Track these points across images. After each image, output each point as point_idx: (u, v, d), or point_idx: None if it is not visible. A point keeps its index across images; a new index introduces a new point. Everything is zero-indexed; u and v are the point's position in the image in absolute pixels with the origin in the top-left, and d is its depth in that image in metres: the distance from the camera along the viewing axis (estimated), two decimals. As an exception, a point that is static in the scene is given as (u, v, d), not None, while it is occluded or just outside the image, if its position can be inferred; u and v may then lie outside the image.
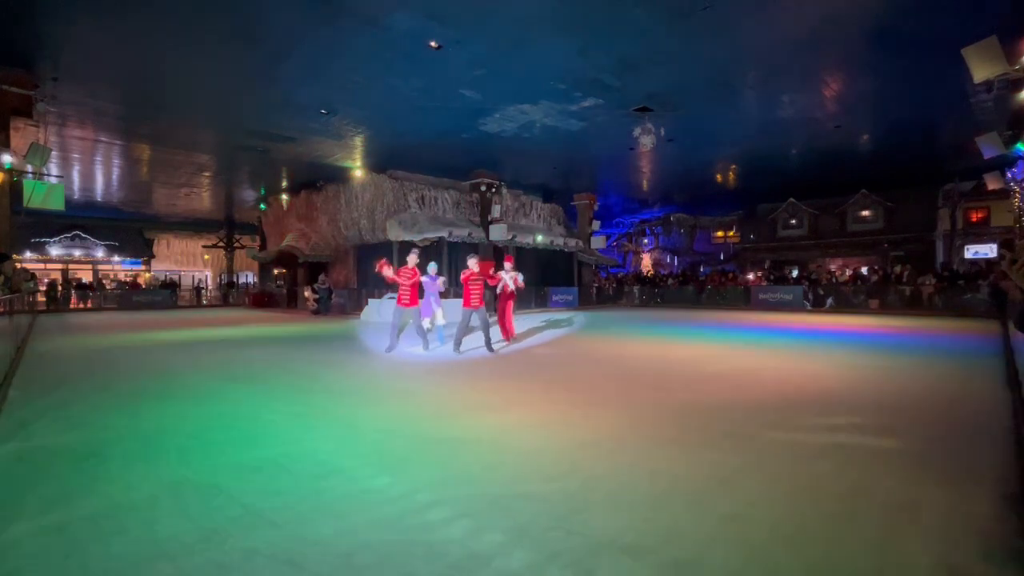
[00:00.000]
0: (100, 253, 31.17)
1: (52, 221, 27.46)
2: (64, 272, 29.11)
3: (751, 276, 24.50)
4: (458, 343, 8.71)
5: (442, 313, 9.30)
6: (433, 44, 9.92)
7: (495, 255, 20.39)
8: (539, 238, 21.92)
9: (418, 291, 8.78)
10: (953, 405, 5.05)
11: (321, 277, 20.75)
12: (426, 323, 9.00)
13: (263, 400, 5.37)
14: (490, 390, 5.93)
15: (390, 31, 9.48)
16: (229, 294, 31.03)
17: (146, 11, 8.76)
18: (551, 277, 22.91)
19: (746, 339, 10.61)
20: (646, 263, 34.64)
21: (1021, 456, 3.49)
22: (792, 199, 26.36)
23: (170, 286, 29.01)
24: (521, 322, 13.51)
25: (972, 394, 5.50)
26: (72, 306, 24.86)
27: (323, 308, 19.85)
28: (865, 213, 25.09)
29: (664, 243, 34.35)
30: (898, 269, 19.73)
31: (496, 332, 9.65)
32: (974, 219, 23.55)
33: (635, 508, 2.76)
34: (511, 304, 9.96)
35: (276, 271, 27.86)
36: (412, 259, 8.79)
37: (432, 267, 9.27)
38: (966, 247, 23.67)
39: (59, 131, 14.82)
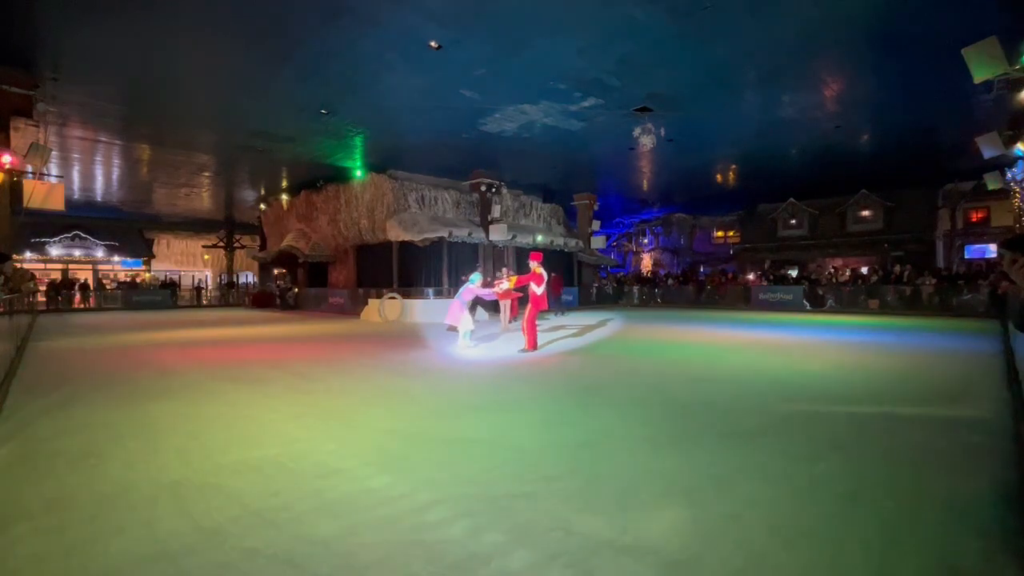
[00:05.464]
0: (100, 253, 31.15)
1: (52, 221, 27.41)
2: (64, 272, 29.09)
3: (751, 276, 24.49)
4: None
5: (469, 319, 9.31)
6: (433, 44, 9.92)
7: (494, 256, 20.42)
8: (539, 238, 21.91)
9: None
10: (953, 405, 5.05)
11: (286, 279, 25.47)
12: (461, 328, 9.09)
13: (263, 400, 5.38)
14: (490, 390, 5.93)
15: (390, 31, 9.48)
16: (229, 294, 31.01)
17: (146, 11, 8.75)
18: (551, 277, 22.91)
19: (746, 339, 10.61)
20: (646, 263, 34.64)
21: (1021, 456, 3.49)
22: (792, 199, 26.35)
23: (170, 286, 28.99)
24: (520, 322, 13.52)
25: (971, 394, 5.50)
26: (73, 306, 24.85)
27: (282, 304, 23.94)
28: (865, 213, 25.09)
29: (664, 243, 34.35)
30: (898, 269, 19.72)
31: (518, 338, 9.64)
32: (974, 219, 23.54)
33: (635, 508, 2.76)
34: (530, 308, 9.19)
35: (276, 271, 27.84)
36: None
37: (476, 277, 9.46)
38: (966, 247, 23.69)
39: (59, 131, 14.81)
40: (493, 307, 15.45)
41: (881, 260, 23.64)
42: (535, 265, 9.04)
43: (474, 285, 9.19)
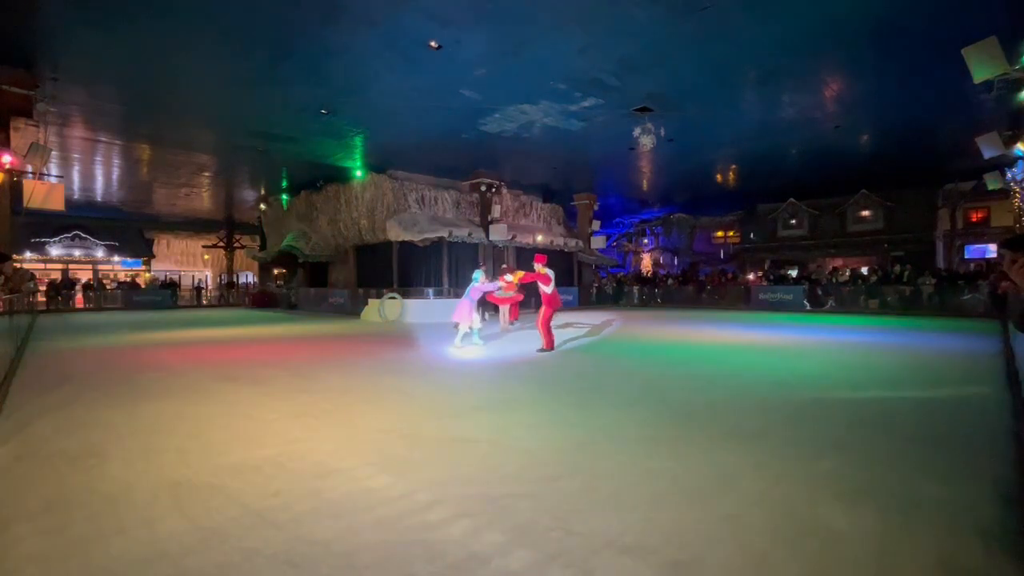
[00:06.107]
0: (100, 253, 31.14)
1: (52, 221, 27.41)
2: (64, 272, 29.09)
3: (751, 276, 24.50)
4: None
5: (478, 318, 9.39)
6: (433, 44, 9.92)
7: (497, 256, 20.42)
8: (539, 238, 21.92)
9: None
10: (953, 405, 5.05)
11: (287, 279, 26.56)
12: (463, 327, 9.12)
13: (263, 400, 5.37)
14: (490, 390, 5.93)
15: (390, 31, 9.48)
16: (229, 294, 31.01)
17: (146, 11, 8.75)
18: (551, 277, 22.87)
19: (746, 339, 10.61)
20: (646, 263, 34.64)
21: (1021, 456, 3.49)
22: (792, 199, 26.34)
23: (170, 286, 28.99)
24: (520, 323, 13.52)
25: (971, 394, 5.50)
26: (73, 306, 24.85)
27: (284, 302, 25.01)
28: (865, 213, 25.08)
29: (664, 243, 34.35)
30: (898, 269, 19.72)
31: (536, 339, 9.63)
32: (974, 219, 23.55)
33: (635, 508, 2.76)
34: (543, 310, 9.25)
35: (276, 271, 27.85)
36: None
37: (479, 275, 9.51)
38: (966, 247, 23.69)
39: (59, 131, 14.80)
40: (494, 307, 15.45)
41: (881, 260, 23.65)
42: (540, 267, 9.07)
43: (478, 283, 9.25)
